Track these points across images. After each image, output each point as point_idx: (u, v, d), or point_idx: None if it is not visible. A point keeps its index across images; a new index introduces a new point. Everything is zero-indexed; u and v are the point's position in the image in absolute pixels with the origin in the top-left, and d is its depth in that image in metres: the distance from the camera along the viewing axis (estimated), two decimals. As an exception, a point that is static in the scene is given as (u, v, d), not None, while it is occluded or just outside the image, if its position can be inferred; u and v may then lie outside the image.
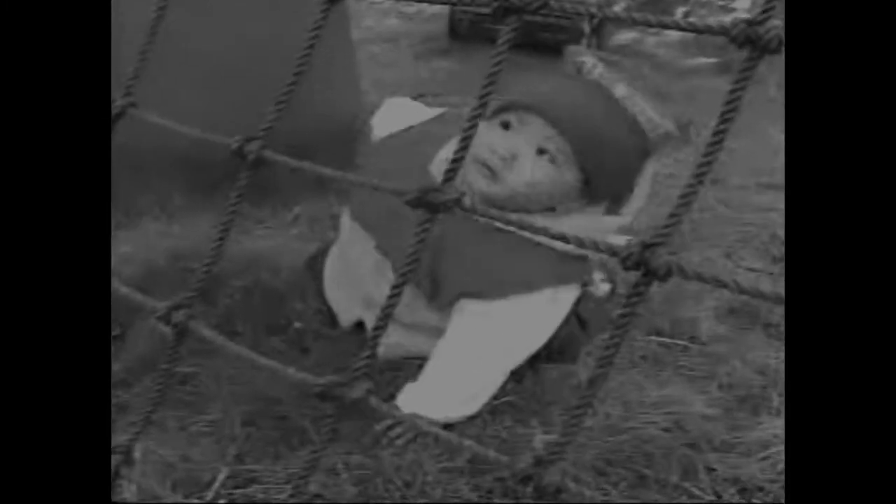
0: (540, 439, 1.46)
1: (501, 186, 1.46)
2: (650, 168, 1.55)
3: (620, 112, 1.46)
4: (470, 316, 1.51)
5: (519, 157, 1.46)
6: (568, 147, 1.44)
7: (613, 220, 1.54)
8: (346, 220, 1.70)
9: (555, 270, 1.48)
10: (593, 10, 0.79)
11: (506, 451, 1.42)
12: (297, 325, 1.70)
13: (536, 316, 1.52)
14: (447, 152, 1.55)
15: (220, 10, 2.35)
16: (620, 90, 1.47)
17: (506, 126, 1.47)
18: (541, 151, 1.45)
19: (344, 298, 1.74)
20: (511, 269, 1.46)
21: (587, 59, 1.51)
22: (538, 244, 1.41)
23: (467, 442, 0.66)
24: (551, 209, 1.50)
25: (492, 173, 1.45)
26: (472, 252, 1.45)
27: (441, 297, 1.52)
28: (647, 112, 1.47)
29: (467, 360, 1.52)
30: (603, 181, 1.49)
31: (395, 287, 0.72)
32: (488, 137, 1.46)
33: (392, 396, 1.51)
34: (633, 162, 1.51)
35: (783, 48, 0.63)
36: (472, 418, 1.51)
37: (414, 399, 1.50)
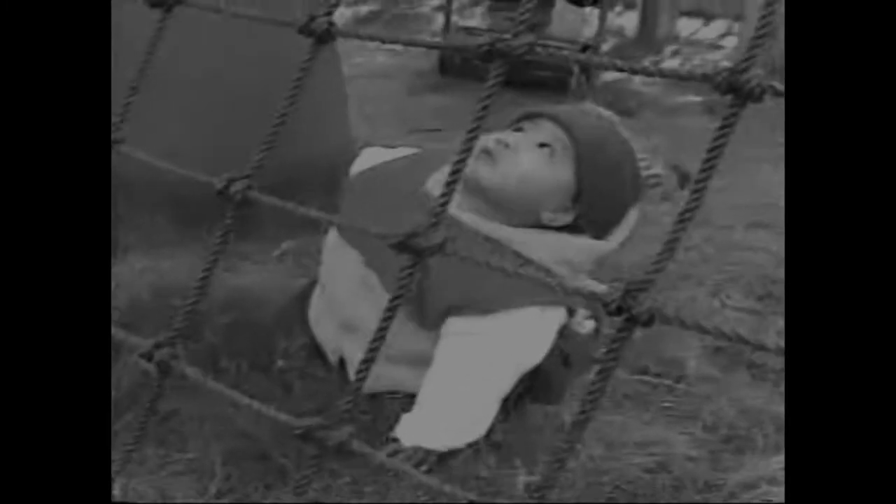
0: (523, 481, 1.45)
1: (494, 172, 1.50)
2: (638, 209, 1.58)
3: (627, 144, 1.54)
4: (458, 336, 1.51)
5: (520, 149, 1.52)
6: (570, 148, 1.50)
7: (599, 245, 1.57)
8: (331, 237, 1.70)
9: (537, 291, 1.48)
10: (580, 56, 0.80)
11: (489, 491, 1.42)
12: (280, 362, 1.69)
13: (526, 332, 1.51)
14: (443, 173, 1.57)
15: (209, 37, 2.36)
16: (639, 147, 1.57)
17: (519, 130, 1.55)
18: (542, 145, 1.52)
19: (326, 332, 1.74)
20: (498, 284, 1.45)
21: (600, 109, 1.62)
22: (524, 262, 1.46)
23: (447, 487, 0.66)
24: (536, 225, 1.53)
25: (490, 158, 1.50)
26: (458, 268, 1.45)
27: (427, 315, 1.51)
28: (642, 153, 1.55)
29: (462, 383, 1.51)
30: (593, 198, 1.53)
31: (383, 320, 0.71)
32: (499, 133, 1.52)
33: (383, 431, 1.50)
34: (625, 191, 1.55)
35: (765, 96, 0.64)
36: (455, 453, 1.50)
37: (413, 430, 1.50)
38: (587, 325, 1.77)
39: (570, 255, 1.52)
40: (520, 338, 1.51)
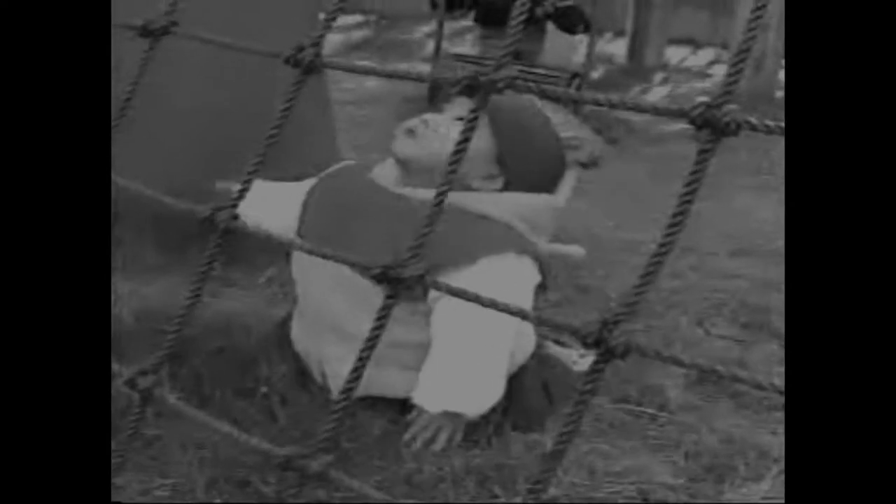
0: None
1: (416, 145, 1.63)
2: (573, 172, 1.68)
3: (541, 113, 1.66)
4: (449, 297, 1.53)
5: (440, 124, 1.64)
6: (487, 118, 1.60)
7: (545, 199, 1.65)
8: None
9: (508, 238, 1.58)
10: (557, 90, 0.81)
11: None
12: (263, 389, 1.69)
13: (509, 275, 1.56)
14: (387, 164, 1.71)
15: (199, 65, 2.37)
16: (558, 117, 1.68)
17: (440, 111, 1.69)
18: (460, 119, 1.61)
19: (308, 347, 1.75)
20: (473, 236, 1.55)
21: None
22: (482, 217, 1.56)
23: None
24: (468, 188, 1.60)
25: (412, 135, 1.62)
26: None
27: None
28: (560, 120, 1.67)
29: (470, 342, 1.55)
30: (515, 159, 1.62)
31: (369, 338, 0.72)
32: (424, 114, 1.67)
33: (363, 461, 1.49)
34: (547, 151, 1.65)
35: (740, 131, 0.65)
36: (438, 483, 1.50)
37: (437, 396, 1.54)
38: (583, 364, 1.77)
39: (525, 211, 1.60)
40: (506, 281, 1.55)
